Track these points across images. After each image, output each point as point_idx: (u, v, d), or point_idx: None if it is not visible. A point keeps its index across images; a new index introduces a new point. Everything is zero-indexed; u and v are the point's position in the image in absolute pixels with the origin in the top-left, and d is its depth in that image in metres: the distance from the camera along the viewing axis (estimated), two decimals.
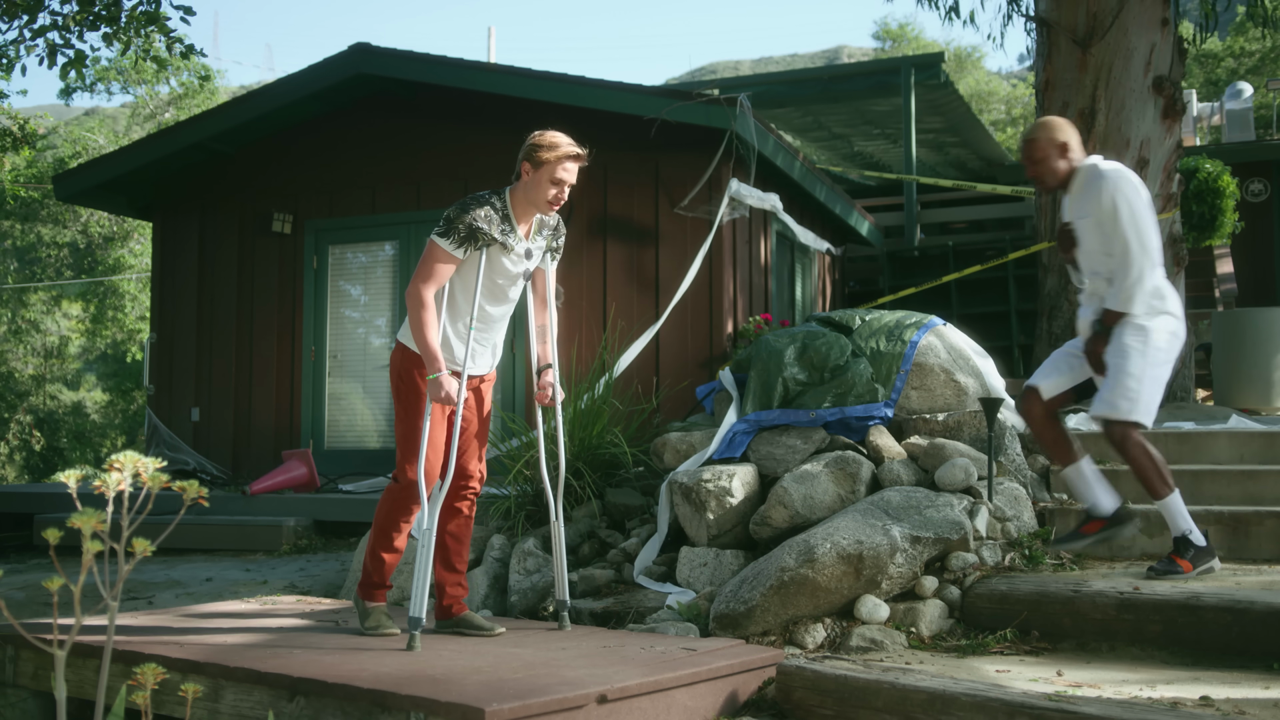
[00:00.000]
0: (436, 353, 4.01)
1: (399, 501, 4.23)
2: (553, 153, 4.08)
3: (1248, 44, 25.75)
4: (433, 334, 4.02)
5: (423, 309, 4.03)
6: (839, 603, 4.35)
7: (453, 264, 4.08)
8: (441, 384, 3.98)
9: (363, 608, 4.27)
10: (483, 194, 4.15)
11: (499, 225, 4.11)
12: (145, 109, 24.63)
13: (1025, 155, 4.68)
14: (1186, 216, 9.56)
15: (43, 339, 24.42)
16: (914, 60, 13.43)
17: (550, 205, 4.14)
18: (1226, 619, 3.87)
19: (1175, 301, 4.58)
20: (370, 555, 4.28)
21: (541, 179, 4.09)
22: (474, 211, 4.06)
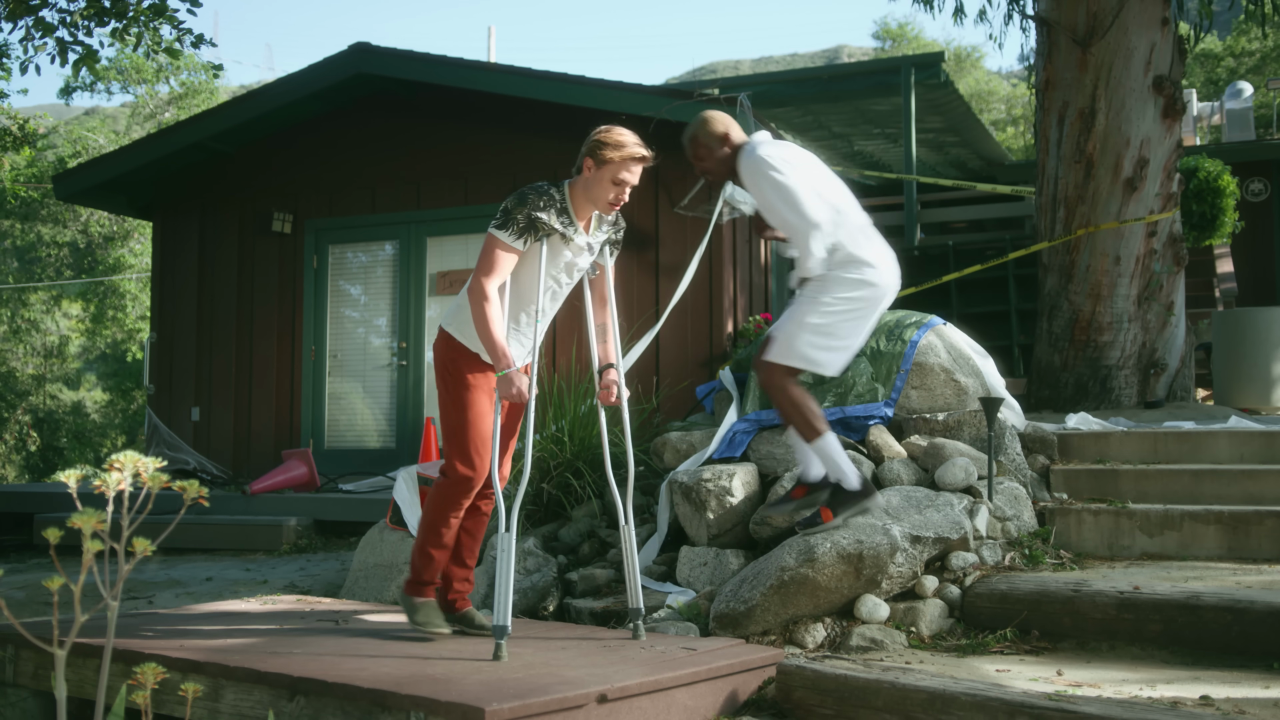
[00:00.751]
0: (504, 349, 3.86)
1: (449, 496, 4.08)
2: (618, 152, 3.93)
3: (1248, 44, 25.75)
4: (499, 329, 3.87)
5: (486, 303, 3.87)
6: (839, 602, 4.35)
7: (514, 255, 3.93)
8: (512, 380, 3.83)
9: (410, 603, 4.15)
10: (541, 185, 4.00)
11: (558, 218, 3.97)
12: (145, 108, 24.63)
13: (691, 155, 4.53)
14: (1186, 216, 9.57)
15: (43, 338, 24.42)
16: (914, 60, 13.42)
17: (610, 206, 4.01)
18: (1227, 618, 3.87)
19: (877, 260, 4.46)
20: (419, 551, 4.15)
21: (603, 178, 3.95)
22: (532, 201, 3.91)
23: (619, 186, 3.94)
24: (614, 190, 3.95)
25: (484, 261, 3.91)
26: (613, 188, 3.94)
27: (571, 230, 3.99)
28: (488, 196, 9.74)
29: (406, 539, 5.73)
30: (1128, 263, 8.08)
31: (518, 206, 3.91)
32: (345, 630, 4.28)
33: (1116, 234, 8.07)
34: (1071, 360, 8.20)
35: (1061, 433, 6.19)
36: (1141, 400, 8.14)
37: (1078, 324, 8.17)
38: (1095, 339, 8.12)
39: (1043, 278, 8.51)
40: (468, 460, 3.99)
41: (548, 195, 3.95)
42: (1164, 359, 8.21)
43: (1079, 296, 8.16)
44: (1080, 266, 8.16)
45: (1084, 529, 5.20)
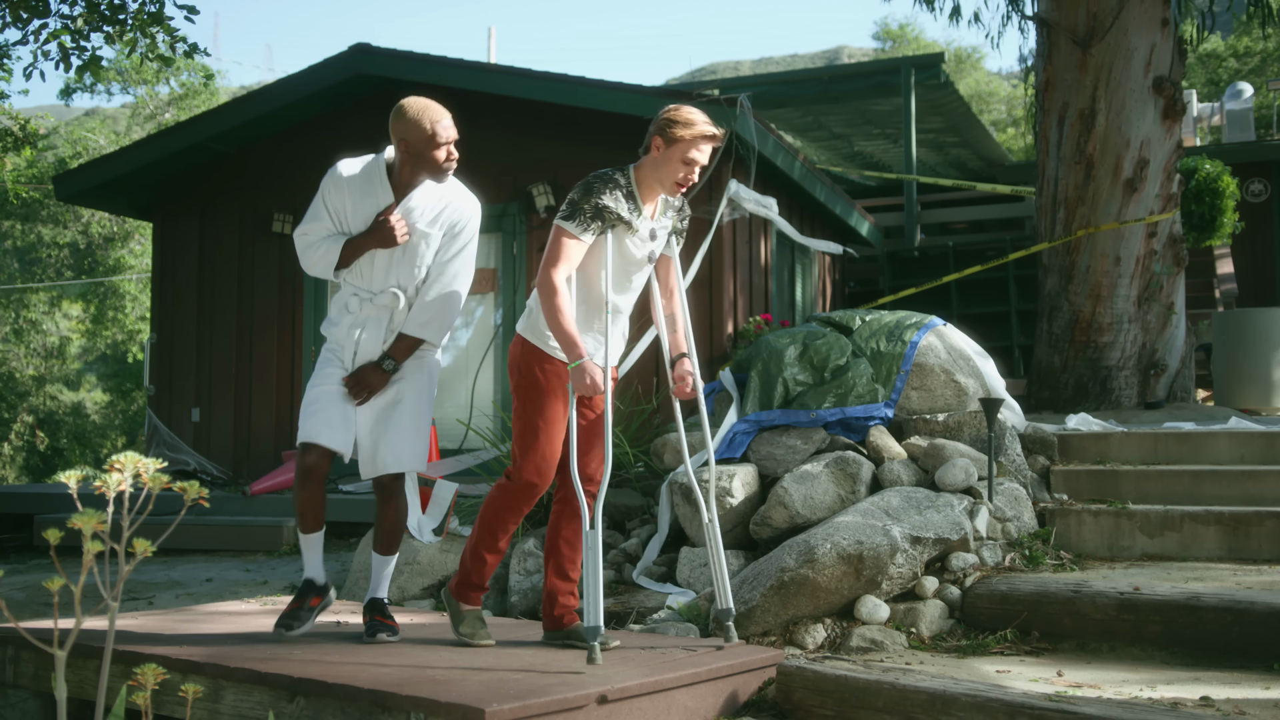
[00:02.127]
0: (576, 338, 3.71)
1: (511, 500, 3.93)
2: (688, 130, 3.78)
3: (1252, 44, 25.75)
4: (569, 320, 3.72)
5: (555, 295, 3.74)
6: (839, 603, 4.35)
7: (582, 247, 3.81)
8: (585, 370, 3.67)
9: (456, 609, 4.00)
10: (606, 171, 3.88)
11: (624, 204, 3.83)
12: (145, 109, 24.64)
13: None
14: (1186, 217, 9.57)
15: (43, 339, 24.42)
16: (914, 60, 13.44)
17: (678, 187, 3.85)
18: (1227, 619, 3.87)
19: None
20: (471, 553, 4.00)
21: (672, 157, 3.80)
22: (598, 189, 3.80)
23: (689, 166, 3.81)
24: (683, 170, 3.81)
25: (550, 253, 3.81)
26: (682, 167, 3.81)
27: (637, 217, 3.87)
28: (488, 197, 9.68)
29: (406, 540, 5.73)
30: (1128, 263, 8.08)
31: (584, 196, 3.80)
32: (345, 631, 4.28)
33: (1117, 235, 8.08)
34: (1072, 361, 8.20)
35: (1062, 433, 6.19)
36: (1142, 401, 8.14)
37: (1078, 325, 8.17)
38: (1095, 340, 8.12)
39: (1043, 278, 8.51)
40: (535, 468, 3.85)
41: (613, 181, 3.84)
42: (1164, 360, 8.21)
43: (1079, 297, 8.17)
44: (1080, 267, 8.16)
45: (1084, 530, 5.20)
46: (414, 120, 4.02)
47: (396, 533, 4.22)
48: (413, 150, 4.03)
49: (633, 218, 3.85)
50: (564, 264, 3.80)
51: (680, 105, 3.88)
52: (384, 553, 4.22)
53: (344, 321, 4.17)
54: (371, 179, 4.10)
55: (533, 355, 3.91)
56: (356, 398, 4.11)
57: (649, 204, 3.93)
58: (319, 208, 4.13)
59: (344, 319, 4.18)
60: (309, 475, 4.03)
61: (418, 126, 4.02)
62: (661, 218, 3.98)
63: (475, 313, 9.86)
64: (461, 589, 4.02)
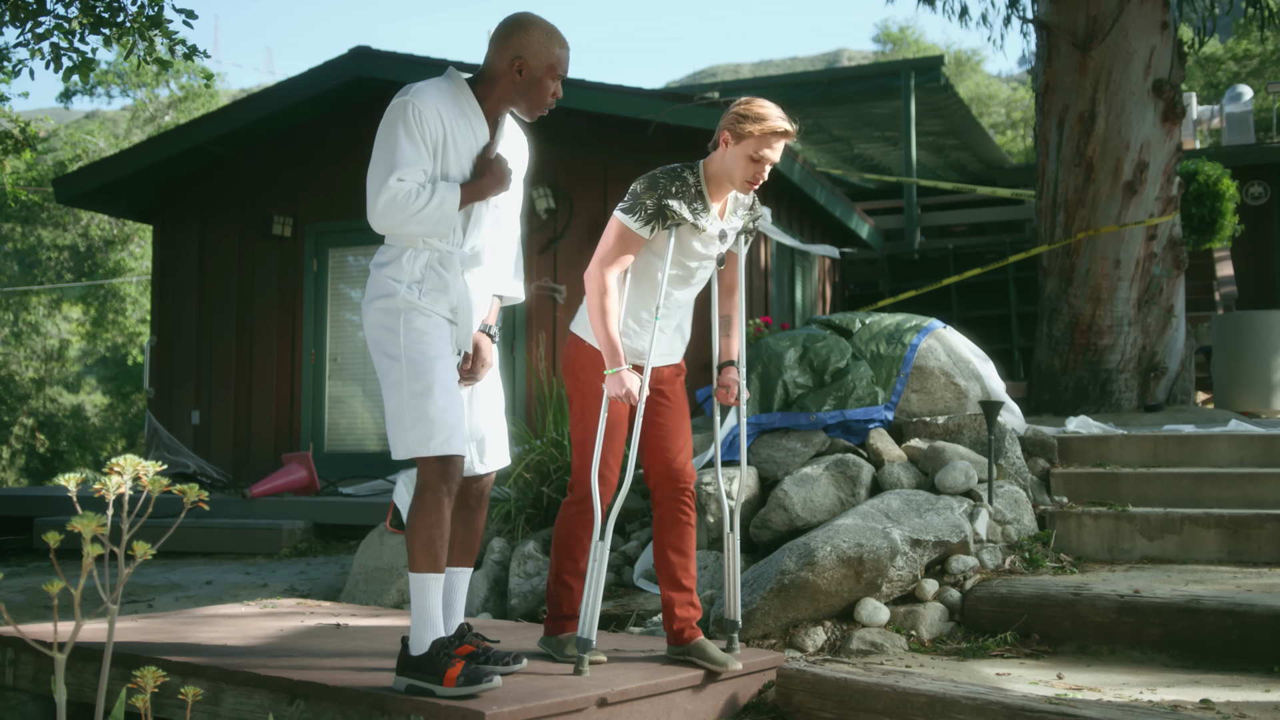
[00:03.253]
0: (617, 344, 3.53)
1: (579, 516, 3.72)
2: (758, 125, 3.54)
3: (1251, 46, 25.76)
4: (614, 323, 3.54)
5: (604, 295, 3.54)
6: (839, 606, 4.35)
7: (638, 244, 3.61)
8: (621, 380, 3.49)
9: (555, 643, 3.74)
10: (674, 166, 3.67)
11: (691, 202, 3.62)
12: (145, 112, 24.66)
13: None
14: (1186, 219, 9.58)
15: (43, 342, 24.43)
16: (914, 63, 13.45)
17: (747, 185, 3.61)
18: (1227, 622, 3.87)
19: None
20: (556, 582, 3.77)
21: (741, 154, 3.56)
22: (663, 186, 3.59)
23: (758, 164, 3.57)
24: (753, 168, 3.58)
25: (604, 248, 3.60)
26: (751, 165, 3.57)
27: (704, 217, 3.65)
28: None
29: (405, 544, 5.73)
30: (1128, 266, 8.08)
31: (647, 191, 3.60)
32: (345, 634, 4.28)
33: (1116, 237, 8.08)
34: (1071, 363, 8.20)
35: (1061, 436, 6.19)
36: (1141, 404, 8.14)
37: (1078, 327, 8.17)
38: (1095, 342, 8.12)
39: (1043, 281, 8.52)
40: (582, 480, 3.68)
41: (680, 179, 3.63)
42: (1164, 362, 8.21)
43: (1079, 300, 8.17)
44: (1080, 270, 8.17)
45: (1084, 532, 5.20)
46: (543, 38, 3.35)
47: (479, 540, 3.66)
48: (528, 75, 3.35)
49: (699, 218, 3.64)
50: (617, 262, 3.60)
51: (752, 99, 3.64)
52: (470, 564, 3.59)
53: (454, 287, 3.34)
54: (464, 108, 3.36)
55: (587, 356, 3.72)
56: (476, 380, 3.48)
57: (718, 202, 3.71)
58: (413, 144, 3.25)
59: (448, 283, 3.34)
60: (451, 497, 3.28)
61: (545, 47, 3.35)
62: (731, 216, 3.77)
63: None
64: (554, 623, 3.79)
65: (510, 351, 9.51)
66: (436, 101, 3.27)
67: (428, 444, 3.18)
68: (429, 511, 3.22)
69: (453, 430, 3.21)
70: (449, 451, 3.20)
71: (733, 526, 3.83)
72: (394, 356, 3.26)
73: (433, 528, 3.22)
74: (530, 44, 3.31)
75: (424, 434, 3.19)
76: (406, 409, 3.21)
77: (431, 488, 3.22)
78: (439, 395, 3.21)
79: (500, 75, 3.35)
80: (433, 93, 3.29)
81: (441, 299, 3.32)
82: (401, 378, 3.24)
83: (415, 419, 3.20)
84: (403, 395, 3.22)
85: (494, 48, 3.36)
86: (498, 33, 3.37)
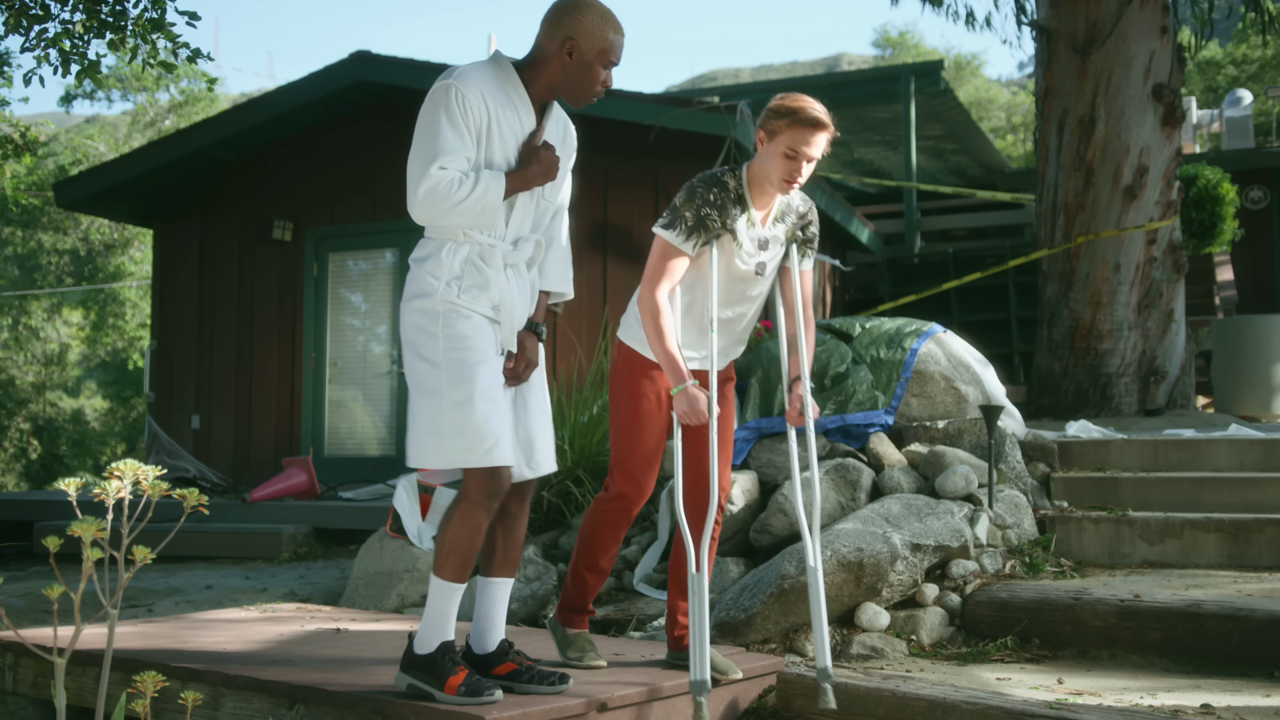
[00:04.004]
0: (679, 361, 3.39)
1: (607, 514, 3.65)
2: (790, 118, 3.37)
3: (1249, 51, 25.78)
4: (672, 340, 3.41)
5: (657, 315, 3.40)
6: (839, 610, 4.34)
7: (684, 259, 3.47)
8: (689, 397, 3.37)
9: (562, 635, 3.71)
10: (714, 172, 3.53)
11: (731, 209, 3.47)
12: (146, 116, 24.69)
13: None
14: (1186, 224, 9.58)
15: (43, 346, 24.43)
16: (914, 68, 13.46)
17: (785, 184, 3.42)
18: (1227, 626, 3.87)
19: None
20: (572, 575, 3.73)
21: (774, 151, 3.39)
22: (701, 195, 3.45)
23: (793, 161, 3.38)
24: (788, 165, 3.39)
25: (651, 267, 3.48)
26: (787, 162, 3.39)
27: (747, 224, 3.50)
28: None
29: (407, 547, 5.73)
30: (1128, 270, 8.09)
31: (686, 202, 3.47)
32: (345, 639, 4.28)
33: (1116, 242, 8.08)
34: (1072, 368, 8.21)
35: (1062, 440, 6.19)
36: (1142, 408, 8.15)
37: (1078, 331, 8.18)
38: (1095, 346, 8.12)
39: (1043, 285, 8.52)
40: (629, 477, 3.61)
41: (719, 185, 3.48)
42: (1164, 366, 8.21)
43: (1079, 304, 8.17)
44: (1080, 274, 8.17)
45: (1085, 537, 5.20)
46: (598, 21, 3.17)
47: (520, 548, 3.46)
48: (579, 58, 3.16)
49: (739, 225, 3.49)
50: (665, 279, 3.46)
51: (789, 94, 3.47)
52: (511, 574, 3.39)
53: (495, 283, 3.15)
54: (509, 92, 3.18)
55: (636, 364, 3.62)
56: (521, 380, 3.30)
57: (762, 208, 3.55)
58: (456, 130, 3.07)
59: (489, 279, 3.15)
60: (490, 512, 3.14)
61: (599, 30, 3.16)
62: (776, 224, 3.59)
63: None
64: (564, 614, 3.75)
65: None
66: (481, 85, 3.10)
67: (471, 454, 3.02)
68: (465, 522, 3.09)
69: (497, 439, 3.04)
70: (494, 462, 3.04)
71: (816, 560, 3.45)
72: (432, 361, 3.08)
73: (466, 540, 3.09)
74: (584, 25, 3.14)
75: (467, 444, 3.02)
76: (446, 418, 3.03)
77: (473, 499, 3.08)
78: (480, 404, 3.03)
79: (549, 57, 3.17)
80: (477, 76, 3.11)
81: (482, 296, 3.13)
82: (440, 384, 3.06)
83: (457, 429, 3.02)
84: (442, 403, 3.04)
85: (545, 28, 3.18)
86: (550, 13, 3.19)
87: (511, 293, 3.18)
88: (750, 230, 3.51)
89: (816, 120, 3.37)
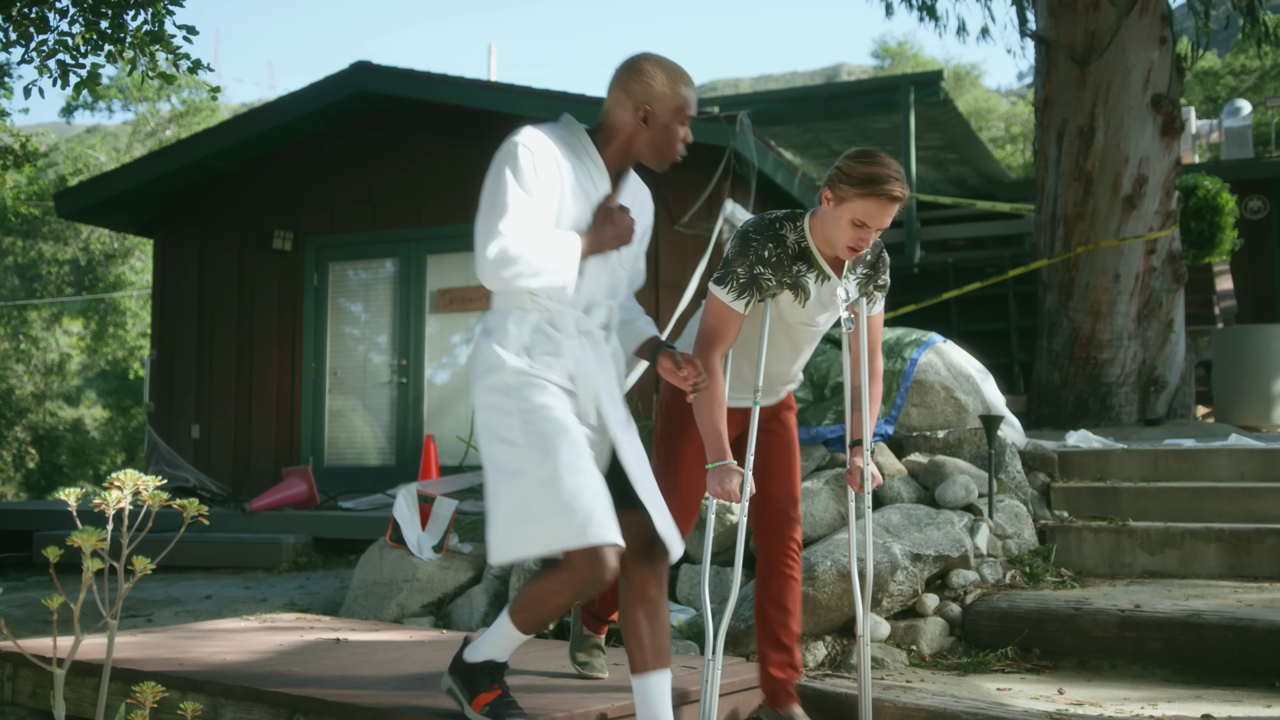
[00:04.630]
0: (722, 436, 3.14)
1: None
2: (861, 189, 3.03)
3: (1248, 61, 25.84)
4: (719, 414, 3.15)
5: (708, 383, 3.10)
6: (840, 620, 4.34)
7: (737, 319, 3.20)
8: (722, 476, 3.10)
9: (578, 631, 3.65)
10: (772, 219, 3.22)
11: (790, 264, 3.18)
12: (146, 126, 24.72)
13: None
14: (1186, 234, 9.59)
15: (43, 356, 24.43)
16: (913, 78, 13.48)
17: (850, 252, 3.12)
18: (1228, 637, 3.86)
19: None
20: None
21: (842, 216, 3.08)
22: (755, 249, 3.16)
23: (860, 230, 3.07)
24: (855, 234, 3.07)
25: (704, 327, 3.21)
26: (854, 231, 3.07)
27: (811, 278, 3.20)
28: None
29: (406, 557, 5.73)
30: (1127, 280, 8.10)
31: (738, 257, 3.18)
32: (345, 649, 4.27)
33: (1116, 251, 8.09)
34: (1071, 378, 8.21)
35: (1062, 450, 6.19)
36: (1142, 418, 8.14)
37: (1077, 341, 8.18)
38: (1095, 356, 8.12)
39: (1042, 295, 8.53)
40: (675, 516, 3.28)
41: (776, 238, 3.18)
42: (1164, 376, 8.21)
43: (1079, 314, 8.18)
44: (1080, 284, 8.18)
45: (1085, 547, 5.19)
46: (668, 81, 3.00)
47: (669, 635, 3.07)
48: (655, 123, 3.00)
49: (801, 278, 3.19)
50: (719, 344, 3.19)
51: (863, 150, 3.10)
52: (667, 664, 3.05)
53: (568, 350, 2.91)
54: (582, 157, 2.99)
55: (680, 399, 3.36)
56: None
57: (830, 260, 3.21)
58: (526, 189, 2.87)
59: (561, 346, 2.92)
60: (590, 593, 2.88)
61: (673, 91, 3.00)
62: (848, 276, 3.25)
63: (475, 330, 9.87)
64: (586, 615, 3.65)
65: None
66: (552, 146, 2.93)
67: (564, 533, 2.74)
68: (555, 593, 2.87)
69: (590, 513, 2.73)
70: (589, 540, 2.73)
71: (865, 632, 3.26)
72: (510, 441, 2.83)
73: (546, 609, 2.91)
74: (654, 89, 2.98)
75: (560, 523, 2.74)
76: (534, 499, 2.77)
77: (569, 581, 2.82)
78: (567, 476, 2.76)
79: (623, 126, 3.01)
80: (548, 137, 2.94)
81: (556, 364, 2.89)
82: (522, 463, 2.80)
83: (546, 509, 2.75)
84: (527, 483, 2.78)
85: (614, 97, 3.01)
86: (618, 80, 3.02)
87: (587, 361, 2.93)
88: (823, 285, 3.22)
89: (894, 196, 3.03)
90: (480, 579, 5.62)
